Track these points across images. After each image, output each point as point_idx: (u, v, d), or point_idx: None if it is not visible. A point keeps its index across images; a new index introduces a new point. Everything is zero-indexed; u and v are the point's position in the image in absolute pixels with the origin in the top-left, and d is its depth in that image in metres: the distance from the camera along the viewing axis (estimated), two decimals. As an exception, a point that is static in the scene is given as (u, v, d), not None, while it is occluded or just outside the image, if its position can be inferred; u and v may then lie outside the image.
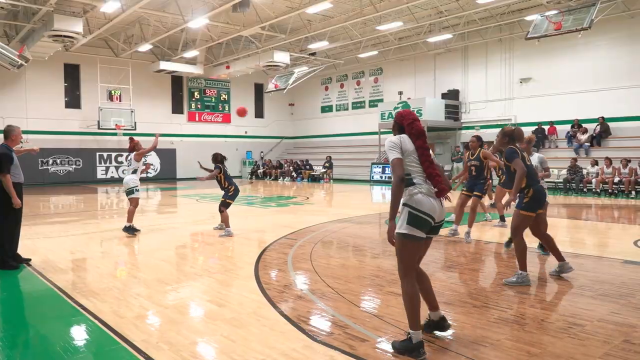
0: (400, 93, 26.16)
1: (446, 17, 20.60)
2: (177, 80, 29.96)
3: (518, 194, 5.45)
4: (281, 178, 28.63)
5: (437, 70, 26.04)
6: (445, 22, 22.10)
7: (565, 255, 5.77)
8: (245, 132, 32.74)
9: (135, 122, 26.33)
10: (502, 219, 9.56)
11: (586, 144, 19.30)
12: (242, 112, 11.76)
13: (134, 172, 8.95)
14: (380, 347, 3.64)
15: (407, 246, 3.44)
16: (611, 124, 19.30)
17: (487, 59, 23.71)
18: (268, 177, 29.65)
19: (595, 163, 16.99)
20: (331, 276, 5.75)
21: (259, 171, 30.60)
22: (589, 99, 19.98)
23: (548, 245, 5.77)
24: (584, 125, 19.79)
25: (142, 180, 9.73)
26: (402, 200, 3.45)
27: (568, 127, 20.23)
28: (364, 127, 29.22)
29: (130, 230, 8.76)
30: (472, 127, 24.27)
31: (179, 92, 30.34)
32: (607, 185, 16.34)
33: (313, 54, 26.79)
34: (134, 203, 8.86)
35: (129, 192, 8.86)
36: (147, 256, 7.22)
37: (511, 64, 22.81)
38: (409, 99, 25.00)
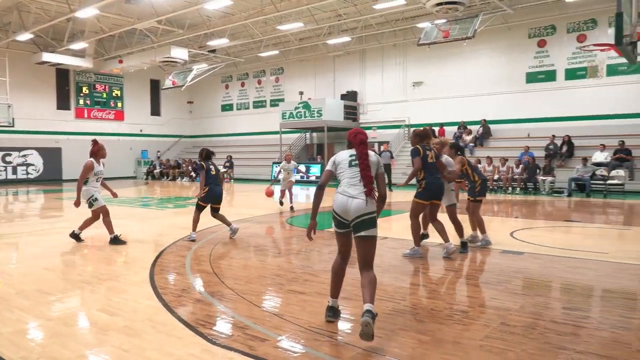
0: (301, 93, 26.49)
1: (345, 20, 21.22)
2: (63, 74, 27.74)
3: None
4: (179, 178, 27.66)
5: (336, 72, 26.73)
6: (344, 25, 22.76)
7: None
8: (141, 131, 31.19)
9: (13, 119, 23.88)
10: None
11: (471, 144, 20.91)
12: (269, 194, 12.08)
13: (86, 182, 7.75)
14: (281, 346, 3.66)
15: (335, 235, 4.10)
16: (492, 126, 21.12)
17: (384, 62, 24.79)
18: (165, 177, 28.49)
19: (478, 162, 18.44)
20: (231, 277, 5.67)
21: (155, 171, 29.29)
22: (473, 102, 21.68)
23: (438, 229, 6.72)
24: (469, 127, 21.45)
25: (21, 182, 8.85)
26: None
27: (455, 128, 21.78)
28: (265, 126, 29.16)
29: (118, 241, 7.79)
30: (370, 128, 25.23)
31: (65, 87, 28.12)
32: (488, 182, 17.81)
33: (213, 51, 26.21)
34: (95, 215, 7.85)
35: (89, 205, 7.81)
36: (27, 265, 6.60)
37: (405, 68, 24.06)
38: (309, 99, 25.39)
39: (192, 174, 27.11)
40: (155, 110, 32.47)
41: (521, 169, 17.52)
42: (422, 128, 6.87)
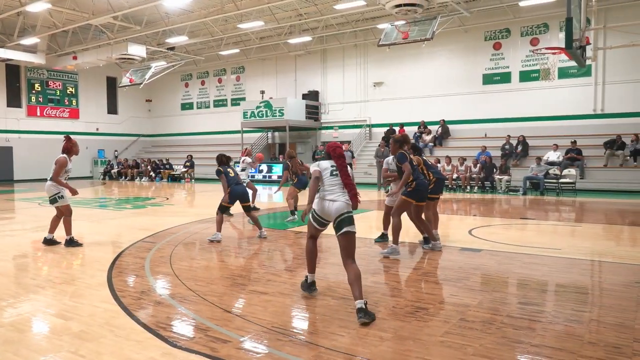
0: (263, 92, 26.35)
1: (306, 20, 21.24)
2: (13, 70, 26.59)
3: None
4: (138, 178, 27.00)
5: (297, 71, 26.71)
6: (305, 24, 22.79)
7: (412, 246, 6.32)
8: (97, 129, 30.27)
9: (-42, 116, 22.74)
10: (293, 213, 10.32)
11: (430, 144, 21.33)
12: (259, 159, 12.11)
13: (52, 178, 7.44)
14: (243, 347, 3.63)
15: (309, 225, 4.81)
16: (451, 126, 21.61)
17: (344, 62, 24.96)
18: (123, 177, 27.75)
19: (437, 162, 18.81)
20: (192, 279, 5.58)
21: (112, 171, 28.49)
22: (432, 103, 22.12)
23: (421, 228, 7.19)
24: (428, 127, 21.86)
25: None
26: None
27: (416, 128, 22.16)
28: (226, 125, 28.85)
29: (73, 243, 7.54)
30: (331, 127, 25.38)
31: (16, 84, 26.98)
32: (447, 181, 18.22)
33: (172, 48, 25.70)
34: (59, 212, 7.57)
35: (52, 200, 7.51)
36: (-25, 270, 6.29)
37: (366, 68, 24.30)
38: (271, 98, 25.29)
39: (152, 173, 26.53)
40: (112, 109, 31.56)
41: (479, 168, 17.99)
42: (400, 134, 7.11)
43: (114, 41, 22.60)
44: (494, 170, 17.81)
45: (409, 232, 7.90)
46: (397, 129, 22.49)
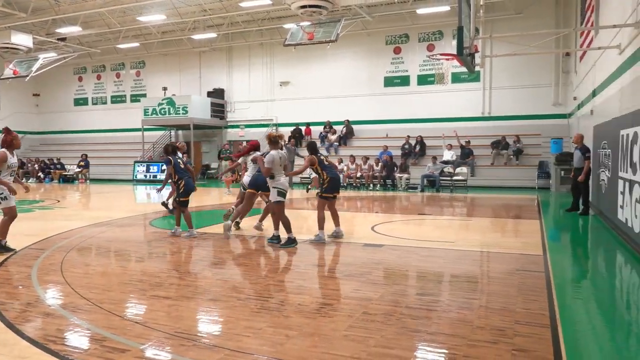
0: (165, 89, 25.35)
1: (210, 16, 20.77)
2: None
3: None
4: (24, 179, 24.72)
5: (202, 68, 26.04)
6: (210, 20, 22.27)
7: (319, 244, 6.42)
8: (-26, 125, 27.28)
9: None
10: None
11: (335, 143, 21.83)
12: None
13: None
14: (144, 355, 3.47)
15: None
16: (355, 126, 22.27)
17: (250, 61, 24.75)
18: (7, 178, 25.24)
19: (340, 161, 19.28)
20: (87, 286, 5.23)
21: (-6, 172, 25.80)
22: (337, 103, 22.65)
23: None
24: (334, 126, 22.36)
25: None
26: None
27: (321, 128, 22.55)
28: (126, 123, 27.36)
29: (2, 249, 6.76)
30: (237, 126, 25.06)
31: None
32: (352, 180, 18.77)
33: (63, 39, 23.83)
34: (7, 212, 6.81)
35: None
36: None
37: (272, 67, 24.29)
38: (174, 95, 24.41)
39: (41, 174, 24.47)
40: (-7, 103, 28.63)
41: (380, 167, 18.73)
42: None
43: (-6, 28, 20.52)
44: (395, 168, 18.64)
45: (303, 229, 8.03)
46: (303, 128, 22.78)
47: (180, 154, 10.75)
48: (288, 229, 7.23)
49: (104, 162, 25.86)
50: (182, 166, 8.28)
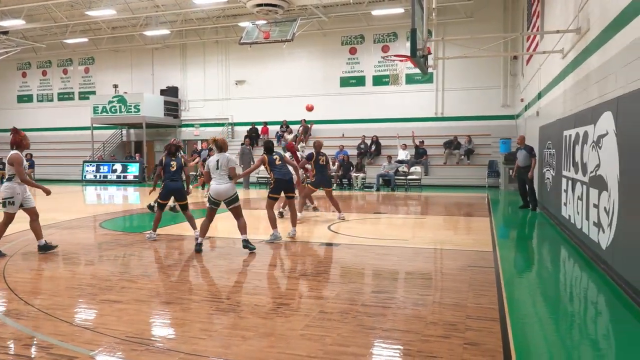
0: (116, 86, 24.60)
1: (163, 12, 20.29)
2: None
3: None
4: (-36, 180, 23.39)
5: (155, 66, 25.41)
6: (163, 17, 21.76)
7: (275, 244, 6.39)
8: None
9: None
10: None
11: (302, 143, 21.76)
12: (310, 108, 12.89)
13: (10, 178, 6.54)
14: (93, 361, 3.35)
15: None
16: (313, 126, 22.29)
17: (205, 59, 24.34)
18: (-56, 179, 23.82)
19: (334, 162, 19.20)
20: (32, 292, 5.01)
21: None
22: (294, 102, 22.54)
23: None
24: (290, 126, 22.31)
25: None
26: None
27: (278, 127, 22.46)
28: (74, 121, 26.35)
29: None
30: (192, 125, 24.62)
31: None
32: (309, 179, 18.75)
33: (5, 32, 22.69)
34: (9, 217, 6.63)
35: (2, 204, 6.44)
36: None
37: (228, 65, 23.98)
38: (125, 93, 23.71)
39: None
40: None
41: (337, 166, 18.84)
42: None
43: None
44: (351, 168, 18.80)
45: (260, 229, 7.99)
46: (259, 127, 22.62)
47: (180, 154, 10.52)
48: (204, 232, 7.01)
49: (50, 162, 24.80)
50: (174, 169, 7.75)
